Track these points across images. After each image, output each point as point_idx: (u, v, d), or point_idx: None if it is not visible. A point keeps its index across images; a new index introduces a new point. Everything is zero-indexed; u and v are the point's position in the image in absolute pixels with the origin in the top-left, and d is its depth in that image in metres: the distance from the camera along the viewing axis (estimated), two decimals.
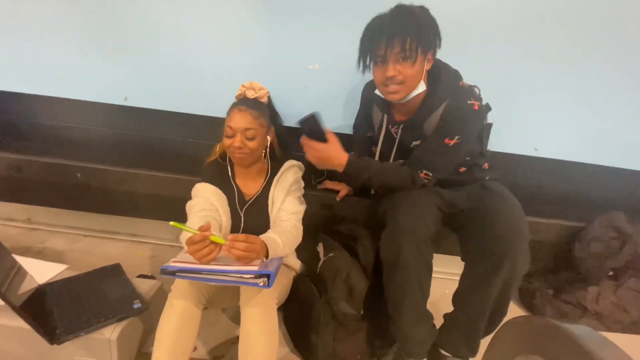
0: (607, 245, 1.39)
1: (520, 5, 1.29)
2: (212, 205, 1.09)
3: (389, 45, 0.94)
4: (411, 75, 0.97)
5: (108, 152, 1.58)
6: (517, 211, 1.04)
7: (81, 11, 1.39)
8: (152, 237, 1.66)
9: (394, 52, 0.95)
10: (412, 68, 0.96)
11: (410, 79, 0.98)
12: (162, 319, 0.90)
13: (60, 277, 1.13)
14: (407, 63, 0.96)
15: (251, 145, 1.07)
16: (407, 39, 0.93)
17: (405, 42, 0.93)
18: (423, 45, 0.95)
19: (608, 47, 1.33)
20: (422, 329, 1.07)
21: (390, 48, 0.94)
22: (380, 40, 0.95)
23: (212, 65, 1.44)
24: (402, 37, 0.93)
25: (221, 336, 1.16)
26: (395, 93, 1.00)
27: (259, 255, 0.88)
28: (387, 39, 0.94)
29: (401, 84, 0.99)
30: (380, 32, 0.95)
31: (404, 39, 0.93)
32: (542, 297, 1.43)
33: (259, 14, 1.36)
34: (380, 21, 0.96)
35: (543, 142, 1.48)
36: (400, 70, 0.96)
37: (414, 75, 0.98)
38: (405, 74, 0.97)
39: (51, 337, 0.89)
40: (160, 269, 0.84)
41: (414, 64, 0.95)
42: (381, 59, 0.98)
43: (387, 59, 0.96)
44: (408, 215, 1.02)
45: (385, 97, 1.04)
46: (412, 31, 0.93)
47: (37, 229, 1.66)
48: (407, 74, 0.97)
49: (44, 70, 1.49)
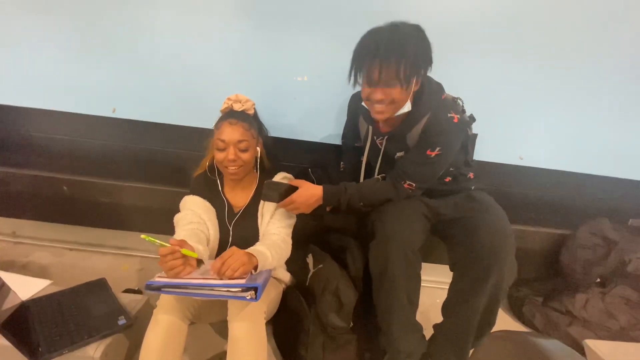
0: (593, 252, 1.41)
1: (505, 16, 1.32)
2: (199, 218, 1.09)
3: (382, 69, 0.93)
4: (399, 98, 0.98)
5: (95, 164, 1.57)
6: (503, 221, 1.05)
7: (69, 24, 1.39)
8: (139, 250, 1.64)
9: (386, 77, 0.94)
10: (400, 92, 0.97)
11: (398, 102, 0.99)
12: (148, 334, 0.89)
13: (44, 292, 1.11)
14: (397, 88, 0.96)
15: (244, 157, 1.08)
16: (400, 67, 0.92)
17: (399, 70, 0.92)
18: (415, 71, 0.95)
19: (592, 56, 1.36)
20: (411, 339, 1.06)
21: (384, 73, 0.94)
22: (373, 62, 0.94)
23: (201, 77, 1.44)
24: (396, 64, 0.92)
25: (209, 351, 1.14)
26: (381, 113, 1.02)
27: (245, 262, 0.87)
28: (381, 63, 0.93)
29: (388, 105, 1.00)
30: (374, 54, 0.93)
31: (398, 66, 0.92)
32: (531, 305, 1.44)
33: (248, 27, 1.37)
34: (375, 41, 0.94)
35: (528, 151, 1.51)
36: (390, 93, 0.97)
37: (402, 98, 0.99)
38: (393, 97, 0.98)
39: (33, 356, 0.87)
40: (145, 285, 0.83)
41: (405, 89, 0.96)
42: (373, 81, 0.97)
43: (378, 83, 0.96)
44: (395, 225, 1.03)
45: (371, 113, 1.05)
46: (407, 59, 0.92)
47: (21, 242, 1.62)
48: (395, 97, 0.98)
49: (30, 82, 1.48)
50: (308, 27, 1.36)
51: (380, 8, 1.30)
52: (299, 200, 1.08)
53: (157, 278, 0.85)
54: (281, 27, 1.37)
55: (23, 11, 1.39)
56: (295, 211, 1.12)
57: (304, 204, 1.09)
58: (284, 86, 1.44)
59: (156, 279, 0.85)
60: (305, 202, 1.09)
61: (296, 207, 1.10)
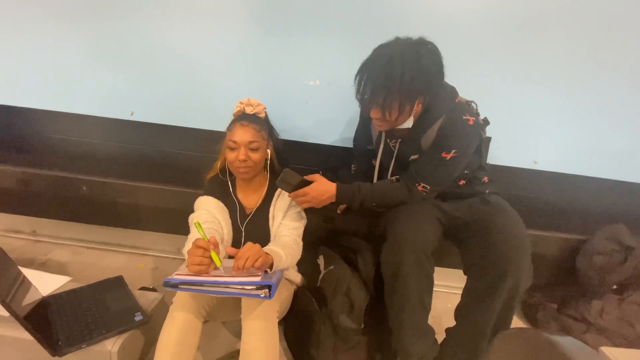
0: (609, 259, 1.38)
1: (518, 19, 1.32)
2: (214, 218, 1.11)
3: (374, 98, 0.96)
4: (397, 120, 1.00)
5: (113, 166, 1.61)
6: (519, 225, 1.04)
7: (89, 29, 1.45)
8: (154, 249, 1.68)
9: (379, 104, 0.97)
10: (398, 116, 0.99)
11: (396, 121, 1.01)
12: (163, 331, 0.91)
13: (63, 289, 1.14)
14: (393, 112, 0.98)
15: (255, 158, 1.10)
16: (391, 101, 0.95)
17: (390, 103, 0.95)
18: (410, 101, 0.97)
19: (608, 59, 1.35)
20: (423, 343, 1.06)
21: (376, 101, 0.97)
22: (366, 87, 0.97)
23: (215, 82, 1.48)
24: (385, 99, 0.95)
25: (221, 350, 1.16)
26: (380, 127, 1.06)
27: (262, 254, 0.88)
28: (373, 91, 0.95)
29: (386, 122, 1.02)
30: (367, 80, 0.96)
31: (389, 100, 0.95)
32: (545, 312, 1.42)
33: (261, 32, 1.40)
34: (371, 68, 0.96)
35: (542, 155, 1.49)
36: (387, 116, 0.99)
37: (400, 120, 1.01)
38: (390, 121, 1.00)
39: (54, 349, 0.89)
40: (163, 282, 0.85)
41: (400, 115, 0.99)
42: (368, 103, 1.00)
43: (372, 106, 0.99)
44: (408, 228, 1.03)
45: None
46: (398, 93, 0.93)
47: (41, 241, 1.68)
48: (392, 120, 1.00)
49: (52, 86, 1.53)
50: (319, 32, 1.39)
51: (393, 14, 1.31)
52: (312, 194, 1.08)
53: (174, 275, 0.87)
54: (293, 32, 1.39)
55: (46, 19, 1.44)
56: (305, 204, 1.11)
57: (316, 199, 1.09)
58: (296, 90, 1.46)
59: (174, 276, 0.87)
60: (318, 197, 1.09)
61: (307, 200, 1.10)
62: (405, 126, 1.03)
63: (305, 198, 1.09)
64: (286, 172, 1.07)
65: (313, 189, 1.08)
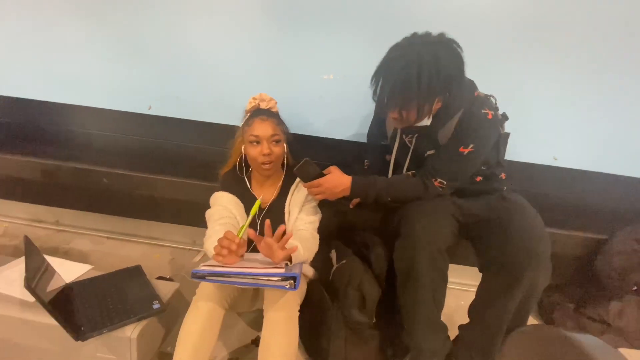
0: (630, 259, 1.34)
1: (537, 15, 1.28)
2: (230, 213, 1.13)
3: (391, 100, 0.96)
4: (415, 119, 0.99)
5: (132, 158, 1.65)
6: (538, 223, 1.02)
7: (108, 24, 1.48)
8: (170, 240, 1.72)
9: (396, 105, 0.97)
10: (416, 116, 0.98)
11: (414, 121, 1.00)
12: (187, 319, 0.93)
13: (85, 276, 1.18)
14: (412, 114, 0.97)
15: (277, 152, 1.11)
16: (409, 103, 0.94)
17: (408, 105, 0.95)
18: (428, 102, 0.95)
19: (629, 54, 1.30)
20: (435, 339, 1.06)
21: (393, 102, 0.96)
22: (384, 88, 0.96)
23: (230, 77, 1.49)
24: (403, 102, 0.95)
25: (238, 340, 1.18)
26: (398, 125, 1.06)
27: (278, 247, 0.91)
28: (391, 94, 0.94)
29: (403, 121, 1.01)
30: (385, 82, 0.95)
31: (406, 103, 0.95)
32: (562, 312, 1.39)
33: (275, 27, 1.40)
34: (387, 70, 0.95)
35: (563, 151, 1.45)
36: (405, 116, 0.98)
37: (418, 119, 0.99)
38: (409, 120, 1.00)
39: (76, 334, 0.93)
40: (191, 273, 0.88)
41: (419, 116, 0.98)
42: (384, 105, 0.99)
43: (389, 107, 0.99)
44: (423, 224, 1.02)
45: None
46: (416, 96, 0.93)
47: (64, 230, 1.74)
48: (410, 119, 0.99)
49: (73, 81, 1.58)
50: (334, 26, 1.38)
51: (406, 9, 1.29)
52: (326, 186, 1.07)
53: (202, 267, 0.89)
54: (308, 26, 1.39)
55: (69, 17, 1.48)
56: (319, 196, 1.11)
57: (330, 190, 1.08)
58: (309, 85, 1.46)
59: (201, 267, 0.89)
60: (332, 189, 1.08)
61: (321, 192, 1.09)
62: (424, 124, 1.02)
63: (319, 189, 1.08)
64: (306, 162, 1.06)
65: (327, 181, 1.07)
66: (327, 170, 1.10)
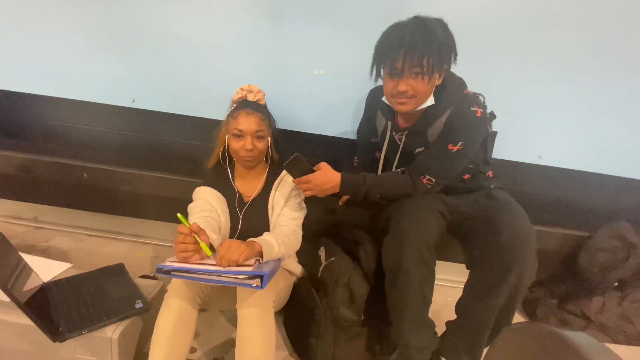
0: (612, 256, 1.38)
1: (524, 13, 1.29)
2: (211, 207, 1.11)
3: (406, 60, 0.93)
4: (423, 91, 0.98)
5: (114, 153, 1.60)
6: (524, 220, 1.03)
7: (90, 14, 1.42)
8: (154, 237, 1.67)
9: (410, 68, 0.94)
10: (424, 85, 0.96)
11: (421, 94, 0.98)
12: (159, 318, 0.91)
13: (64, 275, 1.14)
14: (421, 80, 0.95)
15: (260, 147, 1.10)
16: (425, 57, 0.92)
17: (423, 60, 0.92)
18: (440, 64, 0.95)
19: (613, 54, 1.32)
20: (423, 336, 1.06)
21: (408, 64, 0.93)
22: (397, 53, 0.93)
23: (217, 70, 1.45)
24: (420, 54, 0.92)
25: (220, 338, 1.16)
26: (405, 104, 1.01)
27: (244, 249, 0.87)
28: (406, 54, 0.92)
29: (412, 98, 0.99)
30: (399, 45, 0.93)
31: (423, 57, 0.92)
32: (545, 307, 1.42)
33: (264, 20, 1.38)
34: (400, 33, 0.94)
35: (547, 150, 1.47)
36: (413, 85, 0.96)
37: (426, 91, 0.98)
38: (417, 90, 0.97)
39: (54, 335, 0.90)
40: (156, 268, 0.85)
41: (428, 81, 0.96)
42: (396, 72, 0.97)
43: (402, 74, 0.96)
44: (411, 221, 1.03)
45: (393, 107, 1.05)
46: (432, 50, 0.92)
47: (42, 227, 1.68)
48: (419, 90, 0.97)
49: (53, 72, 1.51)
50: (324, 21, 1.36)
51: (398, 4, 1.29)
52: (315, 182, 1.06)
53: (167, 262, 0.87)
54: (297, 20, 1.37)
55: (47, 5, 1.42)
56: (308, 192, 1.09)
57: (319, 187, 1.07)
58: (299, 80, 1.44)
59: (167, 263, 0.87)
60: (321, 186, 1.07)
61: (310, 188, 1.08)
62: (428, 103, 1.01)
63: (308, 185, 1.07)
64: (296, 157, 1.04)
65: (317, 177, 1.06)
66: (317, 167, 1.09)
